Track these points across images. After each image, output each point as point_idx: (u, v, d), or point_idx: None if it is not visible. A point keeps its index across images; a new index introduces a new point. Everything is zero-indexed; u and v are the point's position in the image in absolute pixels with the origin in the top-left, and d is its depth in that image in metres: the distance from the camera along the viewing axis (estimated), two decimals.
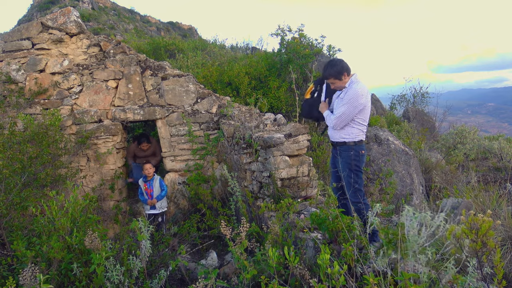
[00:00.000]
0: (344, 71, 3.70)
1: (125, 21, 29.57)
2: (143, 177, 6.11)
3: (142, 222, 3.40)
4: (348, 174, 3.76)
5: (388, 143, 8.45)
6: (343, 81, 3.73)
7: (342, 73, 3.70)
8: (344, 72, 3.70)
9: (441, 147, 11.55)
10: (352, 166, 3.78)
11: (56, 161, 6.01)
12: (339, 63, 3.73)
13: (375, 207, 2.83)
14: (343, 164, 3.82)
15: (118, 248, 3.31)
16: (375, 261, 2.60)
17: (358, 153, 3.81)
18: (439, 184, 8.02)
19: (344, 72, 3.70)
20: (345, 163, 3.81)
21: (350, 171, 3.77)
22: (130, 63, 7.12)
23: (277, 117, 7.19)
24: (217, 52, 13.82)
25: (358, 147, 3.81)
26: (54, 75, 6.91)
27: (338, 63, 3.73)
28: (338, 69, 3.69)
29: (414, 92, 15.80)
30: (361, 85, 3.68)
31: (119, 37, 17.98)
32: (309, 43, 10.02)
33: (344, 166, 3.82)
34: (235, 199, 5.02)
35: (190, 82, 7.35)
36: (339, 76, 3.71)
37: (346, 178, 3.74)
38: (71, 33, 6.92)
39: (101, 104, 7.01)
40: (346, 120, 3.72)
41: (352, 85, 3.71)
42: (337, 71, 3.70)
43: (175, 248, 4.66)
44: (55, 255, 2.96)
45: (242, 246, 2.95)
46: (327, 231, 3.37)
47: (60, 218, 3.21)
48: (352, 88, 3.69)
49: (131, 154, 7.69)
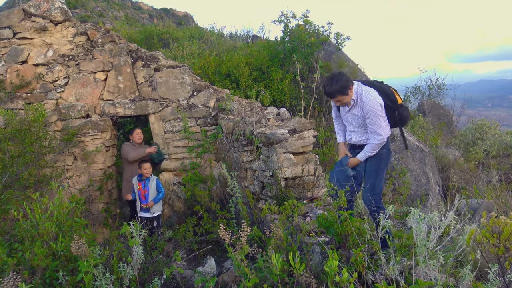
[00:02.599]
0: (350, 83, 3.60)
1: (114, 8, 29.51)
2: (137, 175, 6.08)
3: (134, 226, 3.39)
4: (374, 175, 3.76)
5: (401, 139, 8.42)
6: (350, 95, 3.65)
7: (348, 87, 3.59)
8: (350, 85, 3.61)
9: (459, 143, 11.52)
10: (381, 166, 3.78)
11: (40, 160, 6.00)
12: (343, 77, 3.60)
13: (387, 209, 2.82)
14: (372, 164, 3.80)
15: (108, 254, 3.30)
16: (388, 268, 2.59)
17: (389, 150, 3.81)
18: (457, 184, 7.99)
19: (350, 85, 3.60)
20: (374, 163, 3.79)
21: (376, 172, 3.77)
22: (120, 53, 7.11)
23: (281, 111, 7.17)
24: (215, 41, 13.80)
25: (388, 144, 3.80)
26: (38, 66, 6.90)
27: (341, 77, 3.59)
28: (343, 83, 3.56)
29: (429, 83, 15.74)
30: (367, 90, 3.64)
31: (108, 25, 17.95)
32: (315, 31, 9.99)
33: (373, 166, 3.80)
34: (235, 200, 5.01)
35: (186, 73, 7.34)
36: (345, 91, 3.60)
37: (372, 180, 3.72)
38: (56, 20, 6.90)
39: (89, 98, 7.00)
40: (381, 123, 3.65)
41: (361, 96, 3.65)
42: (343, 86, 3.57)
43: (169, 254, 4.65)
44: (39, 262, 2.95)
45: (243, 252, 2.94)
46: (335, 235, 3.36)
47: (44, 222, 3.20)
48: (364, 99, 3.62)
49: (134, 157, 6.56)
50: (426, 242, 2.50)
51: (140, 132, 6.81)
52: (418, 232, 2.53)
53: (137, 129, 6.82)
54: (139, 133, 6.78)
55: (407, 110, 3.83)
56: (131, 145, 6.70)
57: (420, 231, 2.54)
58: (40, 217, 3.24)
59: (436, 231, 2.54)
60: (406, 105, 3.90)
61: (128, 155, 6.55)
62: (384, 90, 3.69)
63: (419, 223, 2.54)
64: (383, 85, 3.79)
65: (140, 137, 6.76)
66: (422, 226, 2.55)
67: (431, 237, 2.53)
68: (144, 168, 6.03)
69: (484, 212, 2.65)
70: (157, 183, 6.10)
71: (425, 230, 2.55)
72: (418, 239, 2.50)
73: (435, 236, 2.52)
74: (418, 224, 2.54)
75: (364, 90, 3.65)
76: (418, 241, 2.50)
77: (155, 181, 6.08)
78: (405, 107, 3.82)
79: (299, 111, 8.39)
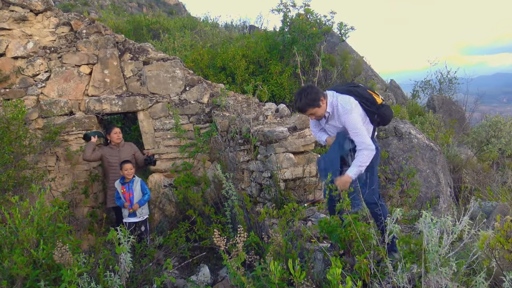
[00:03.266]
0: (320, 95, 3.75)
1: None
2: (120, 178, 6.06)
3: (121, 232, 3.39)
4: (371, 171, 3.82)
5: (410, 137, 8.44)
6: (322, 106, 3.78)
7: (319, 99, 3.73)
8: (321, 96, 3.75)
9: (472, 141, 11.55)
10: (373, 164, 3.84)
11: (19, 161, 5.98)
12: (312, 89, 3.78)
13: (395, 212, 2.82)
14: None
15: (93, 262, 3.30)
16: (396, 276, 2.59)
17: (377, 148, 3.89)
18: (469, 185, 8.02)
19: (321, 97, 3.75)
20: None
21: (372, 168, 3.84)
22: (106, 45, 7.09)
23: (280, 108, 7.18)
24: (209, 32, 13.78)
25: (376, 142, 3.91)
26: (17, 59, 6.88)
27: (310, 90, 3.76)
28: (313, 96, 3.72)
29: (440, 77, 15.79)
30: (342, 100, 3.75)
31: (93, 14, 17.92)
32: (316, 21, 9.99)
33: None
34: (231, 204, 5.01)
35: (177, 67, 7.33)
36: (316, 103, 3.75)
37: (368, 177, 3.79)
38: (37, 10, 6.88)
39: (73, 94, 6.98)
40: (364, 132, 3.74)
41: (337, 107, 3.77)
42: (313, 99, 3.72)
43: (160, 262, 4.65)
44: (19, 271, 2.95)
45: (239, 259, 2.94)
46: (338, 240, 3.37)
47: (24, 228, 3.20)
48: (341, 110, 3.75)
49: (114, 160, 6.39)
50: (438, 248, 2.50)
51: (119, 132, 6.52)
52: (430, 237, 2.53)
53: (115, 128, 6.54)
54: (117, 132, 6.47)
55: (389, 109, 3.95)
56: (108, 147, 6.46)
57: (432, 236, 2.54)
58: (19, 222, 3.23)
59: (449, 236, 2.54)
60: (386, 104, 4.03)
61: (84, 154, 6.33)
62: (361, 94, 3.81)
63: (431, 228, 2.54)
64: (359, 89, 3.88)
65: (119, 136, 6.45)
66: (434, 231, 2.55)
67: (443, 243, 2.53)
68: (125, 169, 5.93)
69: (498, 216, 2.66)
70: (142, 184, 6.09)
71: (437, 235, 2.55)
72: (430, 245, 2.51)
73: (448, 241, 2.52)
74: (430, 228, 2.54)
75: (339, 100, 3.76)
76: (430, 247, 2.50)
77: (140, 182, 6.06)
78: (386, 106, 3.95)
79: None
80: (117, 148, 6.46)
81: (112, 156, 6.39)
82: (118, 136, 6.45)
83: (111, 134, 6.43)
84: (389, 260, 2.74)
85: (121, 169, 5.98)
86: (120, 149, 6.47)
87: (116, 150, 6.44)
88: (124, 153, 6.45)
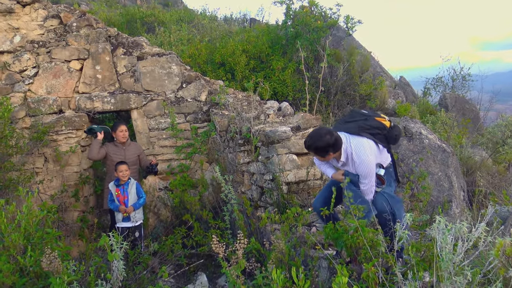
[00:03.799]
0: (330, 149, 3.80)
1: None
2: (114, 180, 6.05)
3: (114, 238, 3.39)
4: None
5: (420, 138, 8.44)
6: (336, 154, 3.86)
7: (340, 144, 3.79)
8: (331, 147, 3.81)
9: (487, 142, 11.53)
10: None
11: (5, 162, 5.99)
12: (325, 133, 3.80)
13: (405, 217, 2.82)
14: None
15: (84, 270, 3.30)
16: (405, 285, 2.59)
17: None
18: (484, 189, 8.01)
19: (331, 148, 3.80)
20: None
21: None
22: (98, 39, 7.10)
23: (282, 106, 7.18)
24: (207, 25, 13.80)
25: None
26: (3, 54, 6.88)
27: (324, 133, 3.79)
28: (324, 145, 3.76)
29: (453, 74, 15.80)
30: (356, 147, 3.82)
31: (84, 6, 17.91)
32: (321, 13, 10.00)
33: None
34: (230, 208, 5.01)
35: (173, 62, 7.34)
36: (328, 153, 3.82)
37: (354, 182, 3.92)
38: (24, 2, 6.89)
39: (62, 91, 6.99)
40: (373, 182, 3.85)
41: (352, 155, 3.84)
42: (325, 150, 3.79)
43: (155, 270, 4.65)
44: (5, 280, 2.95)
45: (239, 267, 2.94)
46: (344, 247, 3.36)
47: (11, 234, 3.20)
48: (356, 159, 3.82)
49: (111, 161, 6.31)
50: (452, 256, 2.49)
51: (125, 129, 6.44)
52: (443, 244, 2.53)
53: (121, 125, 6.44)
54: (123, 130, 6.39)
55: (398, 128, 4.13)
56: (112, 145, 6.42)
57: (446, 243, 2.53)
58: (5, 227, 3.23)
59: (464, 243, 2.53)
60: (394, 123, 4.17)
61: (90, 152, 6.28)
62: (372, 126, 3.92)
63: (445, 234, 2.54)
64: (368, 121, 3.96)
65: (124, 135, 6.40)
66: (448, 238, 2.54)
67: (457, 250, 2.52)
68: (120, 170, 5.89)
69: None
70: (137, 187, 6.06)
71: (452, 242, 2.54)
72: (443, 252, 2.50)
73: (463, 249, 2.51)
74: (444, 235, 2.53)
75: (353, 148, 3.81)
76: (444, 255, 2.49)
77: (135, 185, 6.04)
78: (395, 126, 4.11)
79: (304, 105, 8.40)
80: (123, 147, 6.41)
81: (116, 155, 6.32)
82: (124, 134, 6.39)
83: (116, 132, 6.37)
84: (399, 268, 2.74)
85: (115, 170, 5.93)
86: (126, 148, 6.43)
87: (122, 149, 6.40)
88: (129, 153, 6.41)
